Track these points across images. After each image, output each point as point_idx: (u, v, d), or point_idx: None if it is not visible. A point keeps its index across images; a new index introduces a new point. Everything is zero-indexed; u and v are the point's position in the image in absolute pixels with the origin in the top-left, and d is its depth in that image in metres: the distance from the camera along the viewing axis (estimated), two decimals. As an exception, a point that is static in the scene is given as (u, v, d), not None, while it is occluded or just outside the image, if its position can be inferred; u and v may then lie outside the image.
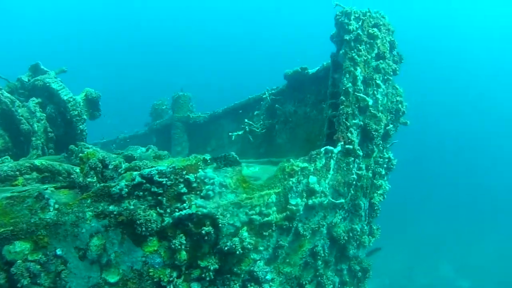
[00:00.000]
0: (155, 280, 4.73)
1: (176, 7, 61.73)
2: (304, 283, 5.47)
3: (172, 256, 4.67)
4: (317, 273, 5.63)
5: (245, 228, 4.78)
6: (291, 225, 4.99)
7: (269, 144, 8.88)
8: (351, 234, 5.70)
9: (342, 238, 5.49)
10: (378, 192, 6.33)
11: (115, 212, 4.29)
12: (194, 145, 12.20)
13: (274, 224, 4.94)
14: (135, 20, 59.93)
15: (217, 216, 4.55)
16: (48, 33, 56.93)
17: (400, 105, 6.47)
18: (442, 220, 33.52)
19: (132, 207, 4.30)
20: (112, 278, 4.51)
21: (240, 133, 8.46)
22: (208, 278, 4.89)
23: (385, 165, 6.34)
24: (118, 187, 4.25)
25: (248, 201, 4.68)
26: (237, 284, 5.06)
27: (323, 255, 5.33)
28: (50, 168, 5.40)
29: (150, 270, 4.53)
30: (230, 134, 8.72)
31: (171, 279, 4.77)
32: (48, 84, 7.25)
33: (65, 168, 5.52)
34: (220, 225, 4.53)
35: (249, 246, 4.73)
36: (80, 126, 7.49)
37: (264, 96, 8.70)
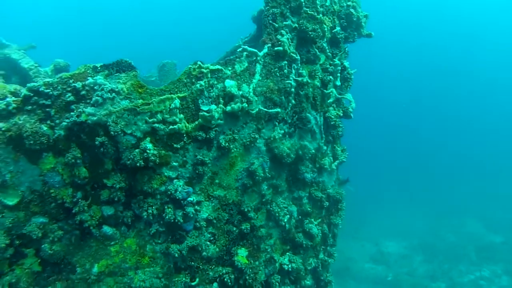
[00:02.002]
0: (58, 201, 4.57)
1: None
2: (246, 210, 4.91)
3: (71, 173, 4.44)
4: (264, 200, 4.99)
5: (148, 138, 4.47)
6: (208, 137, 4.52)
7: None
8: (301, 153, 5.02)
9: (286, 156, 4.85)
10: (333, 104, 5.52)
11: (3, 128, 4.71)
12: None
13: (185, 135, 4.52)
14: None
15: (109, 124, 4.39)
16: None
17: (352, 10, 5.78)
18: (465, 178, 35.77)
19: (21, 121, 4.22)
20: (11, 201, 4.53)
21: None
22: (116, 199, 4.57)
23: (338, 74, 5.60)
24: (4, 102, 4.23)
25: (146, 107, 4.43)
26: (154, 207, 4.68)
27: (262, 175, 4.85)
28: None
29: (51, 190, 4.56)
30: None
31: (74, 199, 4.53)
32: (8, 55, 7.62)
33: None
34: (112, 133, 4.32)
35: (153, 158, 4.43)
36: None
37: (237, 45, 8.32)
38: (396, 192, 31.12)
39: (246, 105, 5.13)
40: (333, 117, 6.09)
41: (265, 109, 5.34)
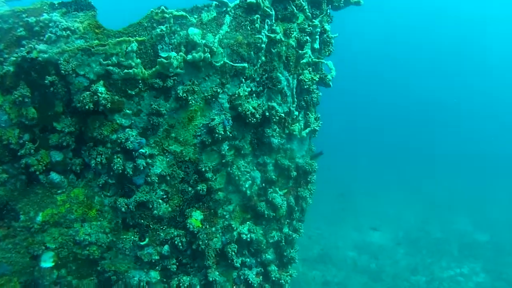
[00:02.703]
0: (3, 142, 4.40)
1: None
2: (203, 169, 4.67)
3: (19, 113, 4.25)
4: (224, 161, 4.76)
5: (101, 82, 4.28)
6: (166, 85, 4.30)
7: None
8: (267, 114, 4.78)
9: (250, 115, 4.62)
10: (308, 67, 5.26)
11: None
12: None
13: (141, 81, 4.30)
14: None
15: (60, 62, 4.15)
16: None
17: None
18: (457, 174, 36.69)
19: (-33, 54, 4.17)
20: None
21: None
22: (65, 144, 4.37)
23: (317, 36, 5.34)
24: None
25: (101, 48, 4.29)
26: (103, 156, 4.47)
27: (222, 133, 4.60)
28: None
29: (-4, 129, 4.27)
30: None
31: (21, 141, 4.33)
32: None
33: None
34: (63, 72, 4.13)
35: (103, 102, 4.26)
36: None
37: None
38: (389, 181, 32.16)
39: (209, 56, 4.94)
40: (307, 80, 5.86)
41: (231, 63, 5.15)
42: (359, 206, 26.40)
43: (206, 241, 5.64)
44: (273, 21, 5.65)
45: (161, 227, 5.52)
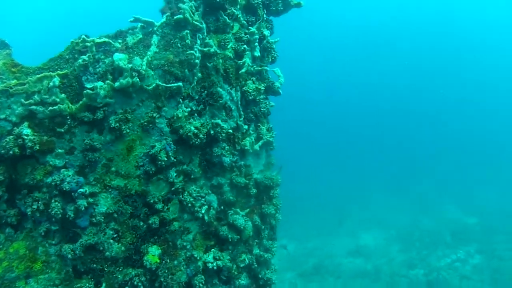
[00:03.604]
0: None
1: None
2: (152, 201, 4.42)
3: None
4: (173, 189, 4.50)
5: (26, 123, 4.01)
6: (96, 117, 4.06)
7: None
8: (212, 132, 4.53)
9: (193, 136, 4.39)
10: (252, 77, 5.06)
11: None
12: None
13: (69, 117, 4.05)
14: None
15: None
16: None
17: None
18: (441, 167, 37.39)
19: None
20: None
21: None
22: None
23: (256, 44, 5.15)
24: None
25: (20, 87, 4.14)
26: (41, 202, 4.20)
27: (165, 159, 4.27)
28: None
29: None
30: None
31: None
32: None
33: None
34: None
35: (30, 144, 4.00)
36: None
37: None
38: (377, 184, 32.48)
39: (138, 80, 4.69)
40: (251, 91, 5.64)
41: (165, 84, 4.92)
42: (349, 212, 26.64)
43: (170, 276, 5.32)
44: (205, 34, 5.47)
45: (117, 269, 5.17)
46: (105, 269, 5.16)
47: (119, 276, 5.22)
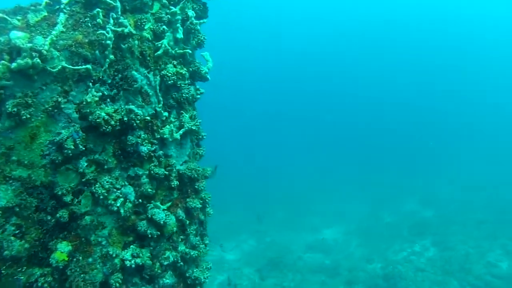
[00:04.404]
0: None
1: None
2: (60, 193, 4.01)
3: None
4: (84, 180, 4.12)
5: None
6: None
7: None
8: (126, 119, 4.20)
9: (104, 123, 4.04)
10: (173, 60, 4.75)
11: None
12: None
13: None
14: None
15: None
16: None
17: None
18: (402, 160, 39.60)
19: None
20: None
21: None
22: None
23: (178, 25, 4.84)
24: None
25: None
26: None
27: (72, 148, 3.93)
28: None
29: None
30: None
31: None
32: None
33: None
34: None
35: None
36: None
37: None
38: (339, 179, 33.46)
39: (39, 61, 4.31)
40: (170, 75, 5.31)
41: (72, 67, 4.55)
42: (310, 207, 27.36)
43: (82, 276, 4.96)
44: (119, 13, 5.12)
45: (19, 269, 4.79)
46: (3, 271, 4.73)
47: (22, 277, 4.83)
